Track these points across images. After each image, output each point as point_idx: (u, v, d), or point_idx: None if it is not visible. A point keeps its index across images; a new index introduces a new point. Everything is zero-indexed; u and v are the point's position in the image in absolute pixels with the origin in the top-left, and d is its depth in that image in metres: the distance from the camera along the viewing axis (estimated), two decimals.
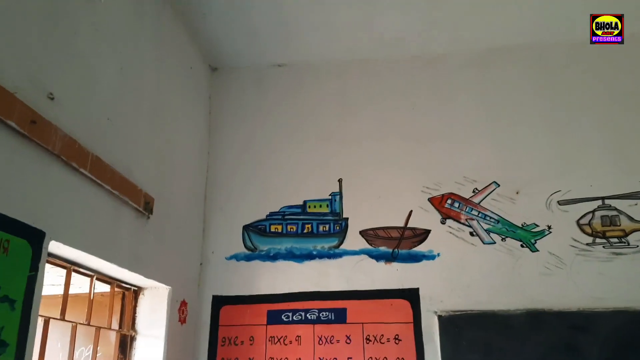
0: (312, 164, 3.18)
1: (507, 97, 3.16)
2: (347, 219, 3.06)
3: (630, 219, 2.82)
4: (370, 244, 2.99)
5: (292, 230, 3.07)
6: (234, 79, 3.43)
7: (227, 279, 3.00)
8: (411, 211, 3.02)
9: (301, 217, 3.08)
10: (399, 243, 2.96)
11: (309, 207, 3.10)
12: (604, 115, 3.01)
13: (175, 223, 2.75)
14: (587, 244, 2.82)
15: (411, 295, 2.85)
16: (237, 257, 3.05)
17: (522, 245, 2.88)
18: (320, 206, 3.09)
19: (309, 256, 3.00)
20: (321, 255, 3.00)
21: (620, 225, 2.83)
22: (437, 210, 3.02)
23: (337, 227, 3.04)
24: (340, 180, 3.13)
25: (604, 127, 2.99)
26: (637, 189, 2.86)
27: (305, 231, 3.06)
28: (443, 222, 2.99)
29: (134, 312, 2.60)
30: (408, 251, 2.95)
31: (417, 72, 3.29)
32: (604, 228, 2.84)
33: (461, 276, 2.86)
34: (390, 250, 2.96)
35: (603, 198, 2.88)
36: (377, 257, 2.96)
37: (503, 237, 2.91)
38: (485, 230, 2.94)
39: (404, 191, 3.06)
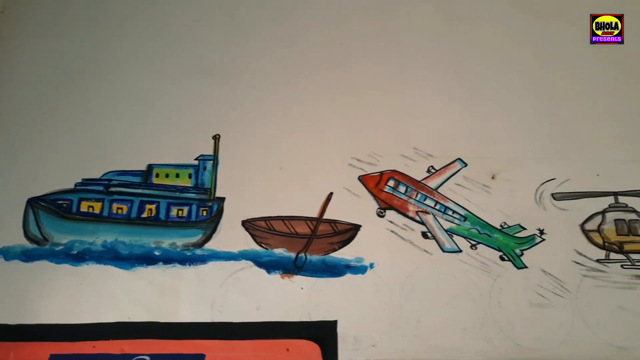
0: (169, 106, 2.04)
1: (481, 40, 2.28)
2: (222, 199, 1.91)
3: None
4: (260, 244, 1.86)
5: (120, 212, 1.86)
6: None
7: None
8: (331, 194, 1.95)
9: (140, 191, 1.88)
10: (308, 244, 1.87)
11: (157, 175, 1.91)
12: (620, 74, 2.19)
13: None
14: (598, 261, 1.93)
15: (324, 334, 1.73)
16: (5, 255, 1.76)
17: (502, 258, 1.91)
18: (178, 175, 1.92)
19: (147, 259, 1.80)
20: (169, 259, 1.80)
21: None
22: (373, 195, 1.98)
23: (204, 213, 1.87)
24: (216, 138, 2.00)
25: (618, 92, 2.17)
26: None
27: (144, 215, 1.87)
28: (381, 215, 1.95)
29: None
30: (322, 258, 1.86)
31: None
32: (620, 238, 1.98)
33: (408, 303, 1.81)
34: (294, 254, 1.84)
35: (616, 194, 2.03)
36: (270, 265, 1.83)
37: (473, 242, 1.94)
38: (447, 231, 1.94)
39: (321, 162, 2.02)
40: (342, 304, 1.79)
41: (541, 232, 1.96)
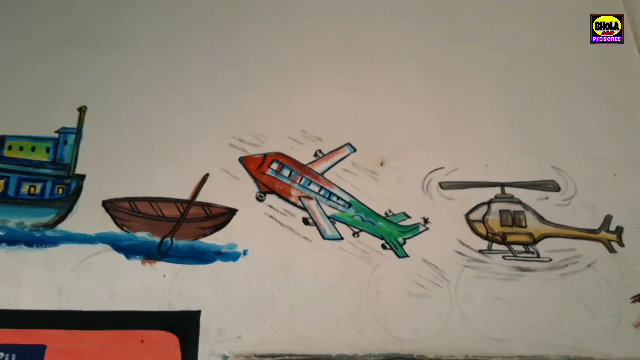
0: (27, 73, 1.87)
1: (377, 24, 2.24)
2: (82, 177, 1.76)
3: (540, 218, 2.00)
4: (121, 226, 1.72)
5: None
6: None
7: None
8: (206, 175, 1.85)
9: None
10: (175, 228, 1.75)
11: (10, 147, 1.74)
12: (507, 70, 2.21)
13: None
14: (481, 251, 1.92)
15: (184, 324, 1.62)
16: None
17: (384, 246, 1.87)
18: (33, 149, 1.76)
19: None
20: (15, 240, 1.65)
21: (526, 226, 1.99)
22: (254, 178, 1.89)
23: (60, 190, 1.72)
24: (82, 110, 1.84)
25: (505, 86, 2.19)
26: (549, 177, 2.07)
27: None
28: (261, 199, 1.86)
29: None
30: (191, 243, 1.75)
31: None
32: (504, 229, 1.98)
33: (281, 292, 1.73)
34: (158, 239, 1.72)
35: (503, 184, 2.04)
36: (130, 250, 1.70)
37: (355, 230, 1.88)
38: (329, 218, 1.88)
39: (198, 141, 1.91)
40: (208, 293, 1.69)
41: (425, 220, 1.93)
